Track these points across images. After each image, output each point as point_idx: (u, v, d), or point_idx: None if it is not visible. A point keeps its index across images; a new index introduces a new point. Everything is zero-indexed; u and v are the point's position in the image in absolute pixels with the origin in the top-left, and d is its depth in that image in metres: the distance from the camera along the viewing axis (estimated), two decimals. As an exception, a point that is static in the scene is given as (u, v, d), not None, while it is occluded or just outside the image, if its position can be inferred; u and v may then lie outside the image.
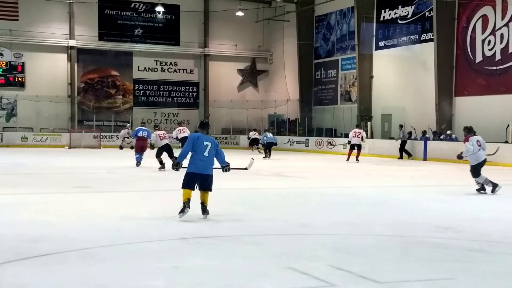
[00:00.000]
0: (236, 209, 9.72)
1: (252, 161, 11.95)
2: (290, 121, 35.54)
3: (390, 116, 28.88)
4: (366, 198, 11.42)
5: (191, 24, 36.95)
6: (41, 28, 33.78)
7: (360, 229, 7.86)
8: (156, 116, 36.85)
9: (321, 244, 6.79)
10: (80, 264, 5.67)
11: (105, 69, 35.95)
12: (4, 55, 33.51)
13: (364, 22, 29.74)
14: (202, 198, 8.42)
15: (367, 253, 6.35)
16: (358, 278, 5.22)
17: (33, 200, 10.26)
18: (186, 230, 7.42)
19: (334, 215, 9.17)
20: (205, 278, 5.16)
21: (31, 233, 7.08)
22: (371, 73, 30.30)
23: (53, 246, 6.34)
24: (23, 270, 5.39)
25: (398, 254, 6.37)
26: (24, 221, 8.01)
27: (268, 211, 9.65)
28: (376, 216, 9.18)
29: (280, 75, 37.74)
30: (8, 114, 33.78)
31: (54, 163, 19.84)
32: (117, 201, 10.52)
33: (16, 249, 6.19)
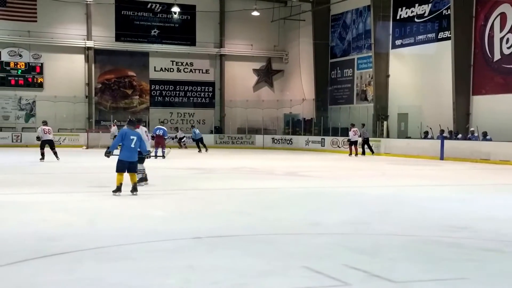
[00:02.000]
0: (250, 208, 9.73)
1: (169, 150, 17.34)
2: (306, 120, 35.50)
3: (407, 115, 28.71)
4: (380, 198, 11.36)
5: (207, 24, 37.06)
6: (59, 29, 34.16)
7: (374, 229, 7.84)
8: (172, 116, 37.06)
9: (335, 243, 6.77)
10: (95, 263, 5.71)
11: (121, 70, 36.21)
12: (23, 56, 33.92)
13: (380, 20, 29.60)
14: (131, 179, 10.68)
15: (381, 252, 6.32)
16: (373, 277, 5.20)
17: (50, 199, 10.39)
18: (199, 230, 7.46)
19: (348, 214, 9.13)
20: (219, 277, 5.17)
21: (47, 232, 7.17)
22: (388, 72, 30.14)
23: (69, 245, 6.41)
24: (39, 269, 5.45)
25: (413, 254, 6.31)
26: (41, 220, 8.13)
27: (282, 210, 9.64)
28: (391, 215, 9.14)
29: (295, 74, 37.70)
30: (27, 114, 34.18)
31: (72, 163, 20.01)
32: (132, 200, 10.55)
33: (32, 247, 6.27)
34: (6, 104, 33.85)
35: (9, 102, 33.91)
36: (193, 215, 8.79)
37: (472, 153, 22.67)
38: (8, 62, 33.68)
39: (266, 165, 20.29)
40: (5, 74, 33.62)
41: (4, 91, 33.60)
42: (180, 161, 21.51)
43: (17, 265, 5.53)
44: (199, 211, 9.30)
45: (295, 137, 34.52)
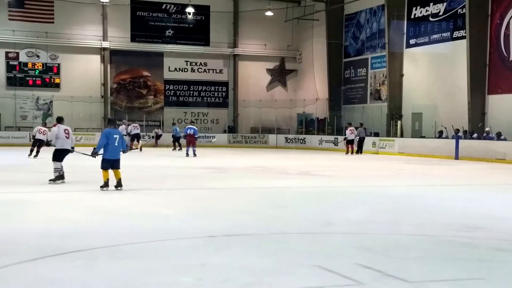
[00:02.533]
0: (262, 207, 9.74)
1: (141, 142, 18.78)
2: (319, 120, 35.44)
3: (421, 115, 28.57)
4: (394, 197, 11.32)
5: (220, 25, 37.15)
6: (76, 30, 34.50)
7: (387, 228, 7.81)
8: (186, 116, 37.16)
9: (347, 242, 6.77)
10: (108, 261, 5.75)
11: (136, 70, 36.43)
12: (40, 57, 34.29)
13: (394, 20, 29.47)
14: (116, 175, 11.31)
15: (394, 252, 6.29)
16: (386, 277, 5.18)
17: (63, 198, 10.51)
18: (213, 228, 7.48)
19: (361, 213, 9.11)
20: (232, 275, 5.19)
21: (60, 230, 7.24)
22: (402, 72, 30.00)
23: (82, 243, 6.46)
24: (54, 266, 5.52)
25: (426, 253, 6.27)
26: (55, 218, 8.21)
27: (295, 209, 9.64)
28: (404, 215, 9.10)
29: (309, 74, 37.65)
30: (44, 114, 34.49)
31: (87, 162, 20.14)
32: (146, 199, 10.64)
33: (46, 245, 6.34)
34: (24, 104, 34.24)
35: (27, 102, 34.28)
36: (206, 214, 8.82)
37: (488, 152, 22.51)
38: (26, 63, 34.09)
39: (279, 164, 20.29)
40: (23, 75, 34.03)
41: (22, 91, 34.00)
42: (194, 160, 21.60)
43: (33, 263, 5.60)
44: (212, 210, 9.33)
45: (308, 136, 34.49)
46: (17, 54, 33.94)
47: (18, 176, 14.27)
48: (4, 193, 10.98)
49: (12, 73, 33.94)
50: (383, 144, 28.34)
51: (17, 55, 33.95)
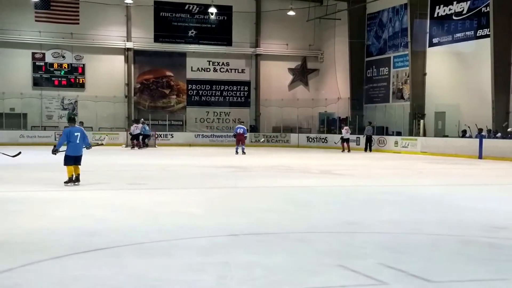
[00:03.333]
0: (285, 206, 9.74)
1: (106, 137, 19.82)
2: (341, 119, 35.31)
3: (444, 114, 28.32)
4: (417, 196, 11.23)
5: (243, 25, 37.23)
6: (100, 31, 34.88)
7: (410, 228, 7.75)
8: (209, 115, 37.35)
9: (370, 242, 6.72)
10: (131, 258, 5.79)
11: (160, 70, 36.70)
12: (66, 58, 34.76)
13: (417, 18, 29.25)
14: (76, 171, 12.03)
15: (418, 251, 6.24)
16: (409, 277, 5.15)
17: (89, 196, 10.63)
18: (235, 227, 7.51)
19: (383, 213, 9.06)
20: (254, 275, 5.19)
21: (87, 228, 7.33)
22: (424, 70, 29.77)
23: (107, 241, 6.54)
24: (80, 263, 5.59)
25: (450, 253, 6.21)
26: (81, 215, 8.31)
27: (317, 208, 9.63)
28: (427, 214, 9.02)
29: (331, 73, 37.55)
30: (69, 114, 34.89)
31: (111, 161, 20.40)
32: (169, 197, 10.71)
33: (72, 242, 6.42)
34: (50, 104, 34.73)
35: (53, 102, 34.76)
36: (228, 213, 8.85)
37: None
38: (52, 64, 34.57)
39: (301, 163, 20.27)
40: (49, 75, 34.53)
41: (48, 91, 34.48)
42: (215, 159, 21.69)
43: (59, 260, 5.68)
44: (234, 208, 9.37)
45: (330, 135, 34.38)
46: (43, 55, 34.42)
47: (45, 175, 14.48)
48: (31, 191, 11.16)
49: (38, 73, 34.44)
50: (406, 143, 28.17)
51: (43, 56, 34.44)
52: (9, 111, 33.54)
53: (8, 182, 12.65)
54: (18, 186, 11.83)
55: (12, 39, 33.44)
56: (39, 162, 18.78)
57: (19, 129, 32.40)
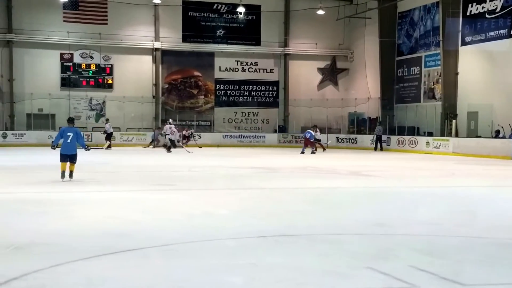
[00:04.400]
0: (313, 207, 9.66)
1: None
2: (371, 119, 34.96)
3: (477, 114, 27.80)
4: (449, 198, 11.05)
5: (271, 24, 37.12)
6: (128, 31, 35.07)
7: (442, 230, 7.61)
8: (237, 116, 37.32)
9: (401, 244, 6.62)
10: (159, 260, 5.79)
11: (188, 70, 36.78)
12: (94, 58, 35.01)
13: (449, 17, 28.80)
14: (70, 168, 12.82)
15: (449, 254, 6.13)
16: (441, 280, 5.06)
17: (117, 197, 10.65)
18: (263, 228, 7.45)
19: (415, 215, 8.94)
20: (282, 276, 5.15)
21: (113, 229, 7.33)
22: (457, 70, 29.29)
23: (135, 242, 6.53)
24: (108, 265, 5.59)
25: (483, 256, 6.08)
26: (107, 217, 8.31)
27: (346, 210, 9.53)
28: (460, 216, 8.88)
29: (360, 73, 37.22)
30: (97, 114, 35.26)
31: (139, 161, 20.50)
32: (197, 198, 10.71)
33: (99, 244, 6.42)
34: (78, 105, 34.97)
35: (81, 103, 35.02)
36: (257, 214, 8.80)
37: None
38: (80, 64, 34.84)
39: (330, 164, 20.11)
40: (77, 76, 34.80)
41: (76, 91, 34.75)
42: (243, 160, 21.64)
43: (88, 261, 5.68)
44: (263, 209, 9.30)
45: (359, 136, 34.10)
46: (71, 55, 34.71)
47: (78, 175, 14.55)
48: (59, 192, 11.24)
49: (66, 74, 34.69)
50: (437, 144, 27.76)
51: (71, 56, 34.73)
52: (37, 111, 33.88)
53: (33, 183, 12.69)
54: (44, 187, 11.89)
55: (41, 39, 33.78)
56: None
57: (47, 129, 32.54)
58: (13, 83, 33.58)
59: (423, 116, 30.75)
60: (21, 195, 10.55)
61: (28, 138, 31.40)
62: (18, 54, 33.72)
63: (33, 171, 15.56)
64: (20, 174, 14.69)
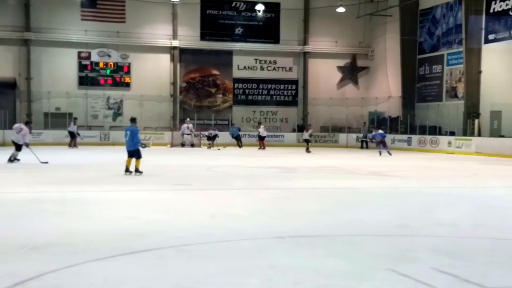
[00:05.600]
0: (333, 208, 9.56)
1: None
2: (392, 118, 34.60)
3: (500, 113, 27.34)
4: (470, 199, 10.89)
5: (290, 22, 36.89)
6: (146, 29, 35.03)
7: (463, 231, 7.49)
8: (255, 115, 37.13)
9: (422, 245, 6.51)
10: (177, 260, 5.75)
11: (206, 69, 36.68)
12: (111, 57, 34.97)
13: (472, 14, 28.37)
14: (136, 164, 13.92)
15: (471, 256, 6.04)
16: (462, 282, 4.99)
17: (135, 197, 10.61)
18: (282, 229, 7.36)
19: (435, 216, 8.81)
20: (301, 278, 5.09)
21: (130, 229, 7.28)
22: (480, 68, 28.83)
23: (152, 242, 6.48)
24: (124, 265, 5.54)
25: (505, 258, 6.00)
26: (125, 217, 8.27)
27: (366, 210, 9.40)
28: (484, 217, 8.73)
29: (381, 71, 36.85)
30: (114, 113, 35.26)
31: (156, 161, 20.45)
32: (215, 199, 10.64)
33: (116, 244, 6.38)
34: (95, 104, 34.94)
35: (98, 102, 34.97)
36: (275, 214, 8.70)
37: None
38: (97, 62, 34.82)
39: (350, 164, 19.92)
40: (95, 74, 34.80)
41: (93, 90, 34.70)
42: (262, 159, 21.50)
43: (104, 261, 5.65)
44: (281, 210, 9.21)
45: (381, 135, 33.68)
46: (89, 54, 34.70)
47: (95, 175, 14.60)
48: (77, 192, 11.22)
49: (84, 72, 34.66)
50: (459, 143, 27.37)
51: (89, 55, 34.72)
52: (54, 110, 33.87)
53: (51, 182, 12.69)
54: (62, 187, 11.86)
55: (58, 38, 33.72)
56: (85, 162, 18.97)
57: (65, 128, 32.40)
58: (30, 82, 33.66)
59: (445, 115, 30.34)
60: (39, 195, 10.55)
61: (45, 137, 31.42)
62: (36, 52, 33.80)
63: (51, 171, 15.58)
64: (38, 174, 14.71)
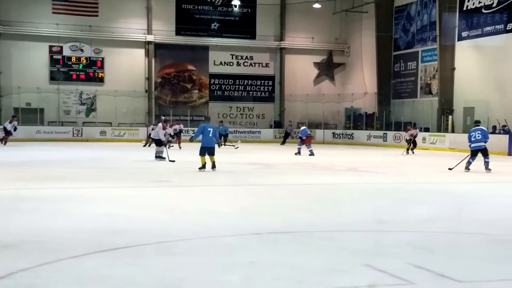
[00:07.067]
0: (311, 204, 9.57)
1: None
2: (368, 115, 34.88)
3: (473, 110, 27.72)
4: (446, 194, 11.00)
5: (267, 17, 36.87)
6: (120, 23, 34.60)
7: (439, 226, 7.57)
8: (232, 111, 37.09)
9: (399, 241, 6.57)
10: (156, 258, 5.69)
11: (181, 64, 36.46)
12: (84, 51, 34.44)
13: (446, 12, 28.72)
14: (211, 160, 14.45)
15: (447, 251, 6.11)
16: (438, 277, 5.03)
17: (111, 194, 10.45)
18: (261, 225, 7.35)
19: (412, 211, 8.88)
20: (280, 274, 5.09)
21: (109, 226, 7.18)
22: (453, 65, 29.21)
23: (131, 239, 6.40)
24: (101, 263, 5.46)
25: (480, 253, 6.08)
26: (103, 214, 8.13)
27: (344, 206, 9.45)
28: (459, 213, 8.84)
29: (357, 68, 37.08)
30: (88, 109, 34.78)
31: (132, 157, 20.29)
32: (194, 195, 10.58)
33: (94, 241, 6.28)
34: (68, 99, 34.36)
35: (71, 97, 34.41)
36: (254, 211, 8.70)
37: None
38: (69, 57, 34.22)
39: (327, 160, 20.02)
40: (66, 69, 34.20)
41: (65, 85, 34.10)
42: (241, 156, 21.47)
43: (79, 259, 5.55)
44: (260, 206, 9.21)
45: (356, 131, 34.00)
46: (60, 48, 34.08)
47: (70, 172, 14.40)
48: (51, 189, 11.04)
49: (55, 67, 34.07)
50: (434, 139, 27.70)
51: (60, 49, 34.10)
52: (25, 106, 33.13)
53: (22, 179, 12.42)
54: (36, 183, 11.65)
55: (29, 31, 33.01)
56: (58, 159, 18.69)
57: (36, 124, 31.93)
58: (0, 76, 33.06)
59: (420, 111, 30.69)
60: (11, 192, 10.33)
61: (15, 133, 30.68)
62: (5, 46, 33.13)
63: (22, 167, 15.33)
64: (9, 170, 14.45)
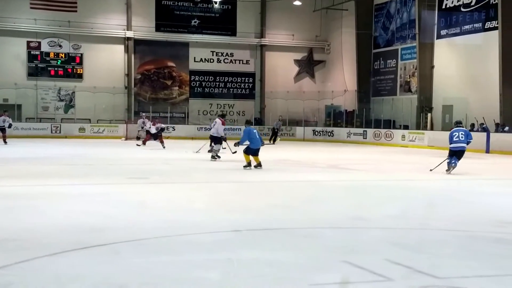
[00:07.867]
0: (290, 201, 9.58)
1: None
2: (348, 112, 35.04)
3: (452, 107, 28.01)
4: (424, 192, 11.11)
5: (247, 14, 36.85)
6: (99, 19, 34.26)
7: (418, 223, 7.63)
8: (212, 108, 36.99)
9: (378, 237, 6.62)
10: (134, 255, 5.66)
11: (161, 60, 36.27)
12: (62, 47, 34.04)
13: (425, 10, 28.95)
14: (256, 160, 14.76)
15: (425, 247, 6.16)
16: (416, 273, 5.08)
17: (90, 191, 10.36)
18: (239, 222, 7.35)
19: (391, 208, 8.94)
20: (259, 271, 5.09)
21: (87, 224, 7.11)
22: (432, 63, 29.47)
23: (107, 237, 6.36)
24: (78, 261, 5.41)
25: (458, 249, 6.15)
26: (80, 212, 8.06)
27: (323, 203, 9.48)
28: (436, 210, 8.91)
29: (337, 65, 37.22)
30: (66, 105, 34.42)
31: (111, 154, 20.17)
32: (172, 192, 10.55)
33: (72, 239, 6.23)
34: (46, 95, 33.94)
35: (49, 93, 33.98)
36: (233, 208, 8.69)
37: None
38: (48, 53, 33.80)
39: (307, 157, 20.07)
40: (45, 65, 33.78)
41: (43, 81, 33.68)
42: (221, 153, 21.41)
43: (57, 257, 5.51)
44: (239, 204, 9.21)
45: (336, 129, 34.11)
46: (38, 43, 33.65)
47: (48, 169, 14.25)
48: (27, 186, 10.93)
49: (33, 63, 33.63)
50: (413, 137, 27.92)
51: (38, 45, 33.66)
52: (2, 102, 32.44)
53: (1, 176, 12.24)
54: (13, 181, 11.52)
55: (6, 26, 32.52)
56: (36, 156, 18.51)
57: (13, 121, 31.48)
58: (-24, 72, 32.54)
59: (399, 109, 30.91)
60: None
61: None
62: (-18, 41, 32.65)
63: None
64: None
